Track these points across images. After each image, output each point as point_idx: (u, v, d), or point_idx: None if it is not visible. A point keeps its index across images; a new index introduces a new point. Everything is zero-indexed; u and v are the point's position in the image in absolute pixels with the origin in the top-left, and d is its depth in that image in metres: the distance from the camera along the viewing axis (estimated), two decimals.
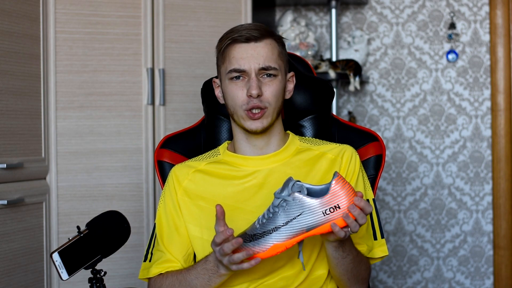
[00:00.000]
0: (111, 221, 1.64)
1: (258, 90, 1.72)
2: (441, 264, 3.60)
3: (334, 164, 1.80)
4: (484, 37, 3.56)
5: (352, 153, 1.82)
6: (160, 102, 2.83)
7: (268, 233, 1.57)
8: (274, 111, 1.76)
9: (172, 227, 1.80)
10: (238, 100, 1.75)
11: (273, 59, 1.74)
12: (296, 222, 1.56)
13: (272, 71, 1.74)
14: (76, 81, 2.73)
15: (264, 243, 1.57)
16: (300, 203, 1.55)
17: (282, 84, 1.78)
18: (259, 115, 1.74)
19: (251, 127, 1.76)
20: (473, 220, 3.59)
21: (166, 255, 1.79)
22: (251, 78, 1.73)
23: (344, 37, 3.64)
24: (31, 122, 2.58)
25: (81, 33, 2.74)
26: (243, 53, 1.73)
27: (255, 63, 1.73)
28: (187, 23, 2.89)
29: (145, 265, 1.83)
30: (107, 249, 1.62)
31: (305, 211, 1.55)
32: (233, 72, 1.74)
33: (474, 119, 3.58)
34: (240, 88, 1.74)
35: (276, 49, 1.76)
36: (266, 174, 1.78)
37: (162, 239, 1.81)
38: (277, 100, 1.76)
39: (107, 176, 2.77)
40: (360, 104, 3.65)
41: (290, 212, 1.56)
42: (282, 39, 1.81)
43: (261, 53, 1.73)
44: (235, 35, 1.74)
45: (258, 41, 1.73)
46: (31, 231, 2.57)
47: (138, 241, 2.79)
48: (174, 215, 1.81)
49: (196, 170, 1.83)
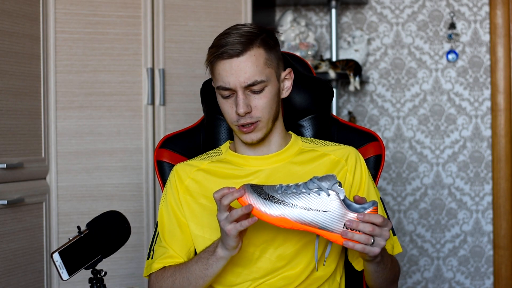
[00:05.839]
0: (112, 221, 1.64)
1: (245, 108, 1.71)
2: (441, 264, 3.60)
3: (336, 166, 1.79)
4: (484, 37, 3.56)
5: (356, 157, 1.81)
6: (160, 102, 2.83)
7: (286, 204, 1.54)
8: (268, 121, 1.75)
9: (175, 224, 1.81)
10: (229, 117, 1.75)
11: (258, 71, 1.70)
12: (317, 215, 1.54)
13: (258, 85, 1.71)
14: (76, 81, 2.73)
15: (276, 208, 1.54)
16: (331, 204, 1.54)
17: (274, 89, 1.75)
18: (251, 128, 1.74)
19: (245, 140, 1.77)
20: (473, 220, 3.59)
21: (169, 251, 1.79)
22: (238, 96, 1.71)
23: (344, 37, 3.64)
24: (31, 122, 2.59)
25: (81, 33, 2.74)
26: (227, 70, 1.71)
27: (239, 81, 1.70)
28: (187, 23, 2.89)
29: (148, 263, 1.83)
30: (108, 249, 1.62)
31: (331, 212, 1.54)
32: (221, 90, 1.73)
33: (474, 119, 3.58)
34: (230, 106, 1.74)
35: (262, 58, 1.72)
36: (268, 174, 1.78)
37: (164, 236, 1.81)
38: (269, 110, 1.74)
39: (107, 176, 2.77)
40: (360, 104, 3.65)
41: (317, 203, 1.54)
42: (270, 39, 1.75)
43: (245, 68, 1.70)
44: (217, 52, 1.71)
45: (240, 56, 1.70)
46: (31, 231, 2.57)
47: (138, 241, 2.79)
48: (177, 212, 1.81)
49: (199, 169, 1.83)
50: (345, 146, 1.84)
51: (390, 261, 1.73)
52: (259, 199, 1.55)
